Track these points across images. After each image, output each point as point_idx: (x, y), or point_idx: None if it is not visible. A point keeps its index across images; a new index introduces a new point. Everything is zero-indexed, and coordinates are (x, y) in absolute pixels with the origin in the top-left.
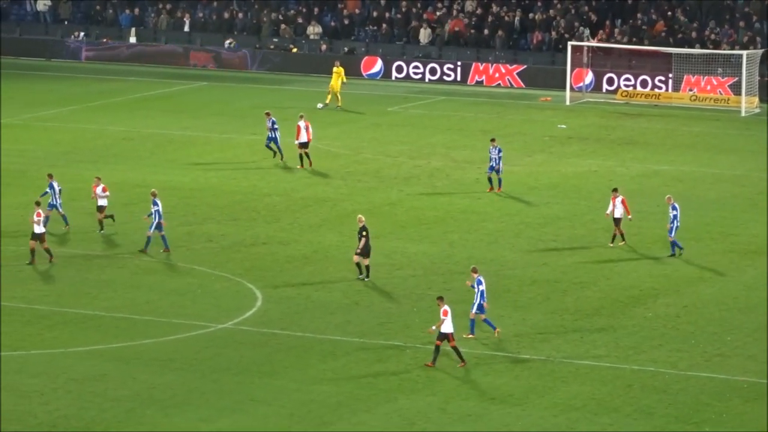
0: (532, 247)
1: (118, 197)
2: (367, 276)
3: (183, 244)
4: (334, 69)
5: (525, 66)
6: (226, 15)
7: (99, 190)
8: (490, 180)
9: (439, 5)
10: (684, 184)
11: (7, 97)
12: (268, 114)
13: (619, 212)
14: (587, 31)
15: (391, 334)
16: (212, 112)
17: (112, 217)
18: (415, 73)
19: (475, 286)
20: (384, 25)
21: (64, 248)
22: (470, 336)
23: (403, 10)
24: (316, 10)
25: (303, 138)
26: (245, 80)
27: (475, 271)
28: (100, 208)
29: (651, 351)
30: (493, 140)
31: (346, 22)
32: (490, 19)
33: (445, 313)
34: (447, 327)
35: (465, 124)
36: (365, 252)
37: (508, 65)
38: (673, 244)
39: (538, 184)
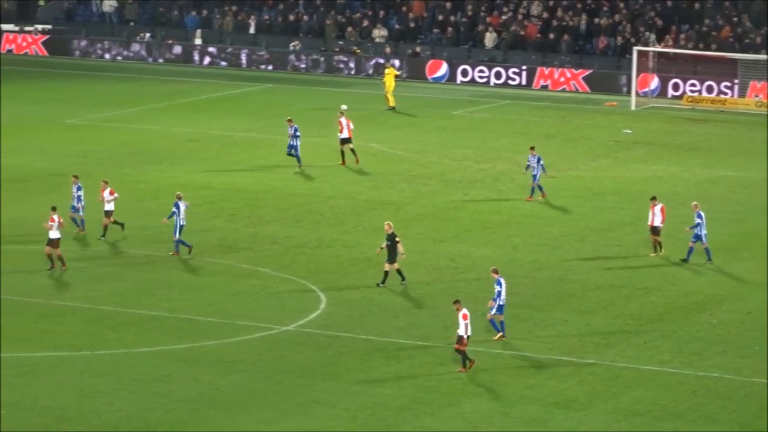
0: (596, 251)
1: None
2: (403, 279)
3: (247, 246)
4: (387, 70)
5: (590, 70)
6: (292, 17)
7: (106, 193)
8: (532, 189)
9: (505, 9)
10: (748, 190)
11: (72, 97)
12: (290, 121)
13: (658, 221)
14: (653, 37)
15: (455, 338)
16: (277, 114)
17: (121, 225)
18: (480, 77)
19: (495, 286)
20: (449, 29)
21: (130, 249)
22: (501, 336)
23: (469, 13)
24: (381, 13)
25: (344, 135)
26: (309, 82)
27: (495, 272)
28: (107, 213)
29: (715, 357)
30: (532, 148)
31: (412, 25)
32: (555, 23)
33: (465, 317)
34: (462, 330)
35: (530, 128)
36: (393, 258)
37: (573, 70)
38: (696, 250)
39: (602, 189)
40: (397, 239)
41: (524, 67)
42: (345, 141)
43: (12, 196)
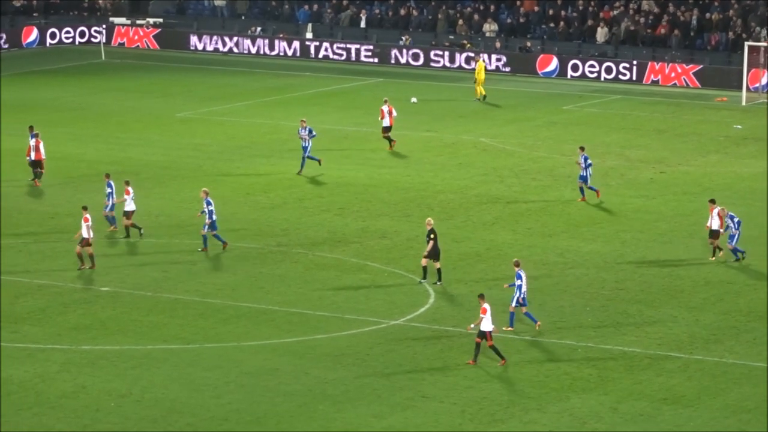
0: (705, 247)
1: (293, 192)
2: (440, 279)
3: (357, 240)
4: (477, 64)
5: (701, 66)
6: (402, 12)
7: (131, 192)
8: (581, 190)
9: (616, 4)
10: None
11: (184, 91)
12: (303, 121)
13: (716, 224)
14: (765, 32)
15: (563, 333)
16: None
17: (139, 229)
18: (591, 72)
19: (516, 279)
20: (561, 24)
21: (240, 243)
22: (509, 329)
23: (580, 8)
24: (492, 7)
25: (386, 122)
26: (419, 77)
27: (517, 264)
28: (128, 214)
29: None
30: (582, 148)
31: (522, 20)
32: (666, 18)
33: (484, 312)
34: (486, 325)
35: (640, 124)
36: (434, 255)
37: (684, 65)
38: (733, 252)
39: (712, 185)
40: (432, 236)
41: (635, 62)
42: (386, 129)
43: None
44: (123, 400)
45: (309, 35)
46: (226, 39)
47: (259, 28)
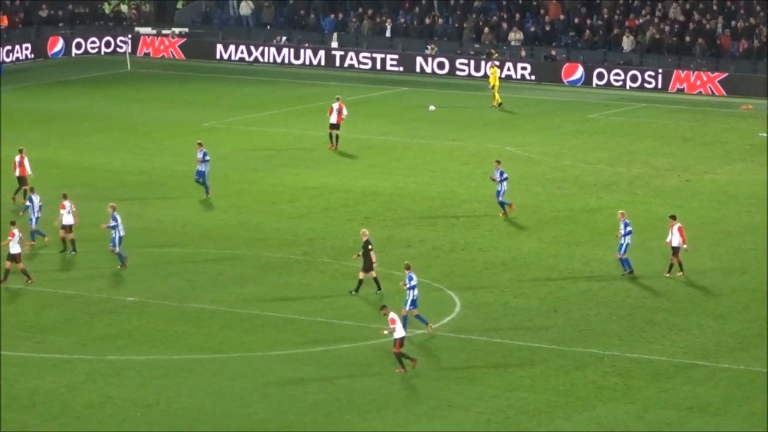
0: (731, 255)
1: (318, 202)
2: (379, 288)
3: (383, 249)
4: (491, 70)
5: (726, 74)
6: (427, 20)
7: (66, 206)
8: (501, 205)
9: (642, 12)
10: None
11: (209, 100)
12: (200, 144)
13: (676, 241)
14: None
15: (589, 342)
16: (412, 117)
17: (74, 245)
18: (616, 80)
19: (407, 282)
20: (586, 32)
21: (266, 252)
22: (429, 328)
23: (605, 16)
24: (517, 16)
25: (333, 119)
26: (444, 85)
27: (407, 267)
28: (66, 227)
29: None
30: (498, 162)
31: (548, 28)
32: (692, 26)
33: (393, 321)
34: (399, 332)
35: (665, 132)
36: (369, 266)
37: (709, 73)
38: (622, 262)
39: (738, 193)
40: (370, 247)
41: (660, 71)
42: (333, 126)
43: (149, 198)
44: (149, 410)
45: (334, 44)
46: (252, 48)
47: (284, 38)
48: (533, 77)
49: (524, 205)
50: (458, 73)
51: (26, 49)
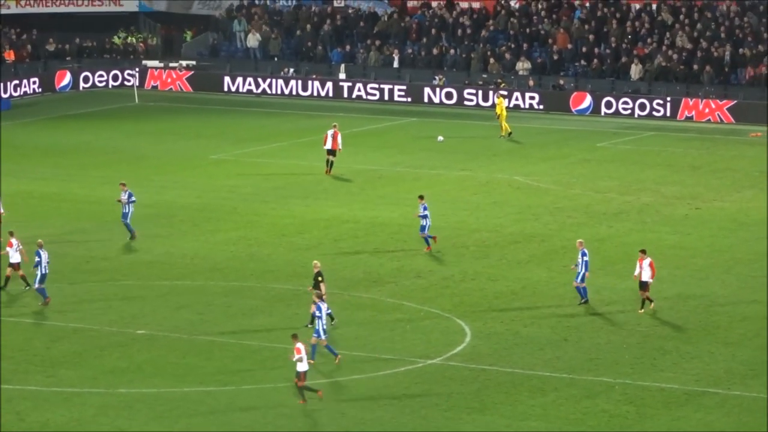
0: (742, 283)
1: (328, 233)
2: (333, 319)
3: (392, 279)
4: (498, 100)
5: (735, 101)
6: (435, 51)
7: (14, 244)
8: (425, 240)
9: (649, 40)
10: None
11: (217, 133)
12: (123, 185)
13: (646, 275)
14: None
15: (600, 370)
16: (421, 148)
17: (26, 281)
18: (625, 109)
19: (316, 311)
20: (594, 61)
21: (275, 284)
22: (310, 362)
23: (613, 45)
24: (525, 45)
25: (328, 145)
26: (453, 116)
27: (318, 297)
28: (14, 265)
29: None
30: (421, 197)
31: (556, 57)
32: (699, 54)
33: (298, 351)
34: (302, 366)
35: (674, 160)
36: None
37: (718, 100)
38: (579, 290)
39: (748, 220)
40: (320, 279)
41: (668, 99)
42: (329, 152)
43: (158, 231)
44: None
45: (342, 76)
46: (260, 80)
47: (292, 69)
48: (541, 106)
49: (534, 235)
50: (466, 103)
51: (34, 83)
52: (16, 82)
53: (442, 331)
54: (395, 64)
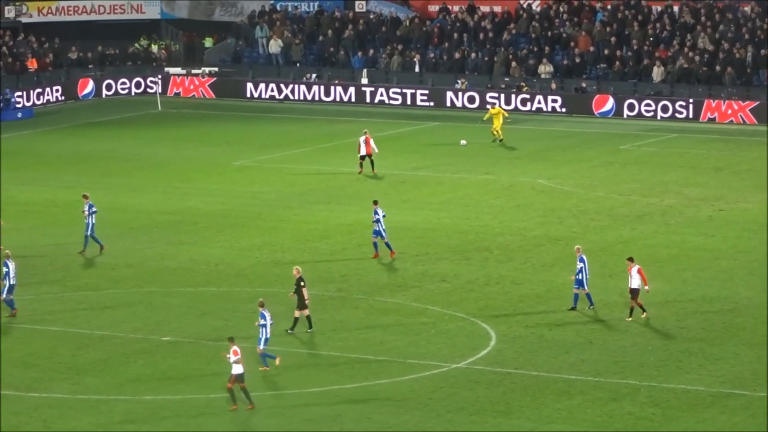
0: (766, 284)
1: (352, 238)
2: (311, 326)
3: (416, 284)
4: (493, 109)
5: (757, 102)
6: (457, 55)
7: None
8: (375, 246)
9: (672, 42)
10: None
11: (241, 139)
12: (86, 197)
13: (636, 283)
14: None
15: (626, 373)
16: (443, 152)
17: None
18: (647, 111)
19: (261, 319)
20: (616, 63)
21: None
22: (265, 369)
23: (635, 48)
24: (547, 48)
25: (362, 152)
26: (474, 120)
27: (261, 305)
28: None
29: None
30: (375, 202)
31: (578, 60)
32: (721, 56)
33: (235, 353)
34: (237, 369)
35: (697, 162)
36: (302, 304)
37: (740, 102)
38: (580, 296)
39: None
40: (303, 284)
41: (691, 100)
42: (362, 158)
43: (182, 238)
44: None
45: (364, 81)
46: (282, 86)
47: (314, 75)
48: (564, 109)
49: (558, 238)
50: (489, 106)
51: (57, 91)
52: (39, 90)
53: (467, 335)
54: (417, 69)
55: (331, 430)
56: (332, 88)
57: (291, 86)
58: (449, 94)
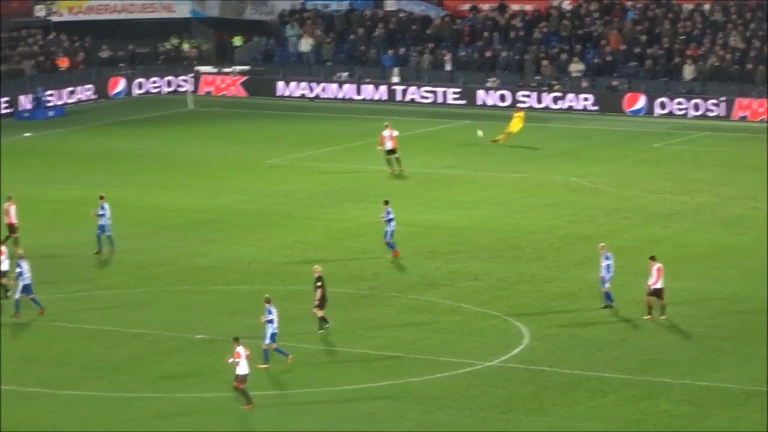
0: None
1: (382, 236)
2: (320, 328)
3: (448, 282)
4: (517, 114)
5: None
6: (488, 53)
7: (4, 252)
8: (389, 246)
9: (703, 41)
10: None
11: (272, 137)
12: (101, 198)
13: (659, 282)
14: None
15: (660, 371)
16: (475, 151)
17: (7, 289)
18: (679, 109)
19: (267, 315)
20: (647, 62)
21: (332, 288)
22: (264, 366)
23: (666, 46)
24: (578, 47)
25: (388, 146)
26: (505, 118)
27: (267, 301)
28: (1, 273)
29: None
30: (386, 202)
31: (609, 58)
32: (752, 53)
33: (238, 355)
34: (242, 368)
35: (729, 160)
36: (323, 304)
37: None
38: (607, 295)
39: None
40: (319, 284)
41: (723, 99)
42: (390, 152)
43: (214, 236)
44: None
45: (395, 79)
46: (313, 85)
47: (345, 74)
48: (596, 108)
49: (589, 236)
50: (520, 105)
51: (88, 90)
52: (71, 89)
53: (499, 333)
54: (448, 67)
55: (365, 427)
56: (363, 86)
57: (322, 85)
58: (480, 93)
